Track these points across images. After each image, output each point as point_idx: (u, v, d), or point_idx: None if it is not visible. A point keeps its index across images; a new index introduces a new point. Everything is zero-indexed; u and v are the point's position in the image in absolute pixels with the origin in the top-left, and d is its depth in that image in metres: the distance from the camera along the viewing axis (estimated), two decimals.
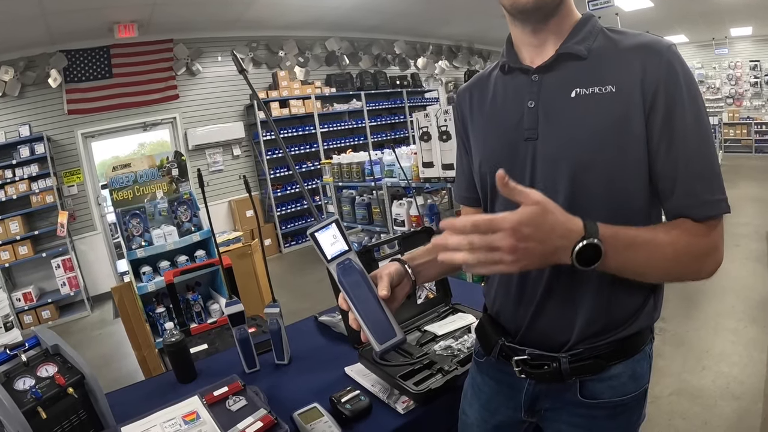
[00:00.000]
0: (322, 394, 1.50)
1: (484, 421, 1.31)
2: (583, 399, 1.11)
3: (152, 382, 2.01)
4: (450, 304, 2.03)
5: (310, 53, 9.51)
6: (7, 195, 6.70)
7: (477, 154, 1.21)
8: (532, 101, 1.06)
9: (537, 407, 1.20)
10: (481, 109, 1.20)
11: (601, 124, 0.98)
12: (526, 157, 1.07)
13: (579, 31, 1.03)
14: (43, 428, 1.30)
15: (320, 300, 4.58)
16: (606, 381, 1.10)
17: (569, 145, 1.01)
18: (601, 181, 1.00)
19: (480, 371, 1.33)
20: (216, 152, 8.57)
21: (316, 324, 2.19)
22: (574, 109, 1.01)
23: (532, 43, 1.07)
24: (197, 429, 1.27)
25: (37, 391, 1.32)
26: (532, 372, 1.13)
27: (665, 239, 0.95)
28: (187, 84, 8.28)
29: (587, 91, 0.99)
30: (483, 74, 1.24)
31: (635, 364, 1.11)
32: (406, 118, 10.53)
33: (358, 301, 0.97)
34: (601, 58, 1.01)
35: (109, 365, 5.09)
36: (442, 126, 4.22)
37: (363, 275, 0.99)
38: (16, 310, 6.64)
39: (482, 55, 12.80)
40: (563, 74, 1.03)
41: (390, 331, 0.95)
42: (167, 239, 3.36)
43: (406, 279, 1.12)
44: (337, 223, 1.00)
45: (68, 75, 7.26)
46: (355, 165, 5.86)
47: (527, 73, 1.08)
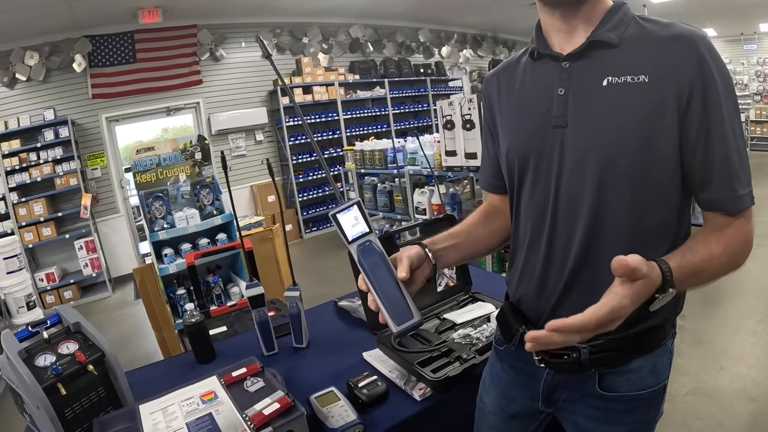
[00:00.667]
0: (339, 378, 1.50)
1: (501, 410, 1.31)
2: (601, 391, 1.10)
3: (171, 362, 2.04)
4: (470, 293, 2.02)
5: (334, 40, 9.49)
6: (31, 177, 6.82)
7: (505, 140, 1.20)
8: (562, 89, 1.04)
9: (555, 398, 1.19)
10: (509, 95, 1.19)
11: (632, 113, 0.96)
12: (554, 145, 1.06)
13: (610, 18, 1.01)
14: (63, 404, 1.32)
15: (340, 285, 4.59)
16: (625, 374, 1.09)
17: (599, 134, 0.99)
18: (629, 171, 0.98)
19: (499, 359, 1.33)
20: (239, 137, 8.61)
21: (335, 309, 2.19)
22: (605, 97, 0.99)
23: (562, 30, 1.05)
24: (215, 409, 1.28)
25: (57, 368, 1.33)
26: (552, 362, 1.12)
27: (718, 250, 0.95)
28: (210, 69, 8.31)
29: (619, 80, 0.98)
30: (511, 60, 1.22)
31: (656, 359, 1.10)
32: (430, 106, 10.49)
33: (377, 282, 0.96)
34: (633, 46, 0.98)
35: (129, 345, 5.18)
36: (466, 115, 4.19)
37: (383, 257, 0.99)
38: (38, 290, 6.77)
39: (507, 44, 12.64)
40: (594, 62, 1.01)
41: (408, 313, 0.95)
42: (189, 222, 3.39)
43: (426, 263, 1.11)
44: (358, 205, 0.99)
45: (93, 60, 7.34)
46: (378, 152, 5.85)
47: (557, 60, 1.06)
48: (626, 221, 1.00)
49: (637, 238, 1.00)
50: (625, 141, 0.97)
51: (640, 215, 1.00)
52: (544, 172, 1.09)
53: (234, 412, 1.24)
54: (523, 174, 1.14)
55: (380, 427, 1.33)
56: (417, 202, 5.12)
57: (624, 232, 1.01)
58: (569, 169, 1.04)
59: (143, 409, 1.34)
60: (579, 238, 1.04)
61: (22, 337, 1.42)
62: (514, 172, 1.17)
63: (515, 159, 1.15)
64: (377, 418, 1.36)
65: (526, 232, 1.17)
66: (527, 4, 8.50)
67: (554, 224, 1.09)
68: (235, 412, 1.24)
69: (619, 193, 0.99)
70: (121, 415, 1.35)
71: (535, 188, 1.12)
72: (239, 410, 1.24)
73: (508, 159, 1.18)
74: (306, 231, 9.07)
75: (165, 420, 1.27)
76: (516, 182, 1.18)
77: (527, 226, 1.16)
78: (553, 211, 1.08)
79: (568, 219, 1.06)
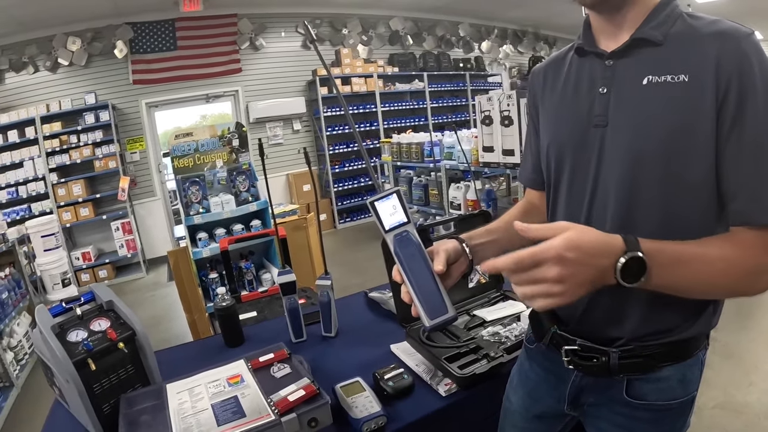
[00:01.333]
0: (365, 369, 1.50)
1: (527, 409, 1.29)
2: (628, 398, 1.08)
3: (200, 344, 2.06)
4: (501, 291, 2.00)
5: (373, 32, 9.48)
6: (71, 159, 7.00)
7: (545, 136, 1.18)
8: (604, 87, 1.02)
9: (581, 401, 1.17)
10: (553, 90, 1.16)
11: (670, 114, 0.93)
12: (594, 145, 1.03)
13: (656, 15, 0.97)
14: (92, 379, 1.34)
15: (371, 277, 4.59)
16: (654, 382, 1.06)
17: (636, 135, 0.96)
18: (665, 174, 0.94)
19: (529, 358, 1.31)
20: (276, 126, 8.68)
21: (365, 300, 2.19)
22: (643, 97, 0.96)
23: (608, 28, 1.03)
24: (240, 392, 1.29)
25: (88, 344, 1.36)
26: (581, 363, 1.10)
27: (716, 254, 0.89)
28: (250, 58, 8.39)
29: (659, 79, 0.94)
30: (559, 55, 1.20)
31: (686, 369, 1.07)
32: (468, 101, 10.43)
33: (412, 274, 0.95)
34: (676, 44, 0.94)
35: (159, 326, 5.28)
36: (505, 111, 4.15)
37: (420, 248, 0.97)
38: (74, 268, 6.97)
39: (548, 41, 12.45)
40: (637, 60, 0.98)
41: (442, 307, 0.93)
42: (224, 207, 3.43)
43: (463, 258, 1.09)
44: (398, 194, 0.98)
45: (134, 46, 7.49)
46: (415, 145, 5.84)
47: (601, 58, 1.03)
48: (658, 226, 0.97)
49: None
50: (661, 143, 0.93)
51: (673, 220, 0.96)
52: (582, 172, 1.07)
53: (259, 396, 1.25)
54: (560, 172, 1.13)
55: (404, 420, 1.32)
56: (452, 197, 5.09)
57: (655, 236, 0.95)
58: (606, 170, 1.02)
59: (170, 388, 1.37)
60: None
61: (56, 313, 1.45)
62: (552, 169, 1.15)
63: (554, 156, 1.13)
64: (401, 411, 1.36)
65: None
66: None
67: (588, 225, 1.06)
68: (260, 396, 1.25)
69: (652, 197, 0.96)
70: (148, 392, 1.38)
71: (572, 187, 1.10)
72: (264, 395, 1.25)
73: (547, 155, 1.16)
74: (340, 221, 9.12)
75: (191, 400, 1.29)
76: (553, 179, 1.16)
77: None
78: (588, 212, 1.06)
79: (600, 221, 1.03)
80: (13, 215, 6.75)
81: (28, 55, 6.96)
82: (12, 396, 4.00)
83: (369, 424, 1.25)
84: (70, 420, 1.46)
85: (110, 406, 1.37)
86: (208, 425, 1.17)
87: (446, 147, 5.34)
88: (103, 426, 1.34)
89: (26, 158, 6.84)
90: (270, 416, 1.16)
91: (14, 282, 4.79)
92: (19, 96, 7.04)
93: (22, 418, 3.74)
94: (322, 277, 1.82)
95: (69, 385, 1.30)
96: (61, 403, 1.53)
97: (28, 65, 7.00)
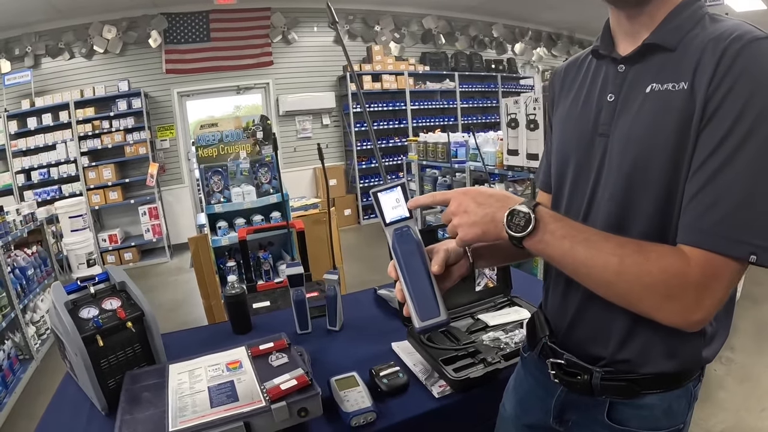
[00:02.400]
0: (364, 364, 1.51)
1: (518, 418, 1.27)
2: (609, 422, 1.02)
3: (209, 329, 2.11)
4: (508, 296, 1.98)
5: (406, 30, 9.48)
6: (102, 144, 7.20)
7: (555, 140, 1.14)
8: (612, 94, 0.97)
9: (565, 417, 1.13)
10: (568, 93, 1.12)
11: (665, 126, 0.85)
12: (596, 155, 0.99)
13: (673, 18, 0.90)
14: (99, 355, 1.41)
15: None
16: (637, 409, 1.00)
17: (632, 148, 0.91)
18: (656, 189, 0.88)
19: (524, 366, 1.29)
20: (306, 120, 8.75)
21: (374, 296, 2.21)
22: (644, 107, 0.90)
23: (627, 31, 0.97)
24: (237, 377, 1.33)
25: (98, 321, 1.43)
26: (565, 379, 1.07)
27: (615, 249, 0.83)
28: (281, 51, 8.48)
29: (661, 87, 0.88)
30: (579, 57, 1.15)
31: (673, 400, 1.00)
32: (499, 103, 10.30)
33: (408, 271, 0.93)
34: (689, 50, 0.86)
35: (179, 309, 5.40)
36: (531, 114, 4.10)
37: (419, 246, 0.95)
38: (100, 249, 7.15)
39: (583, 45, 12.21)
40: (647, 67, 0.92)
41: (434, 309, 0.91)
42: (245, 198, 3.47)
43: (464, 260, 1.06)
44: (402, 187, 0.96)
45: (168, 36, 7.64)
46: (441, 145, 5.83)
47: (615, 63, 0.98)
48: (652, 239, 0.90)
49: None
50: (655, 156, 0.87)
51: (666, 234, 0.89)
52: (582, 181, 1.02)
53: (254, 382, 1.29)
54: (563, 179, 1.09)
55: (394, 418, 1.33)
56: None
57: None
58: (603, 181, 0.97)
59: (172, 368, 1.42)
60: None
61: (71, 290, 1.53)
62: (556, 175, 1.12)
63: (559, 162, 1.10)
64: (392, 409, 1.37)
65: None
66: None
67: None
68: (255, 382, 1.29)
69: (646, 209, 0.90)
70: (152, 371, 1.43)
71: (573, 196, 1.06)
72: (259, 382, 1.28)
73: (555, 161, 1.13)
74: (364, 217, 9.17)
75: (190, 381, 1.34)
76: (557, 186, 1.12)
77: None
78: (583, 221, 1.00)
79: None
80: (44, 195, 6.94)
81: (64, 42, 7.14)
82: (31, 368, 4.14)
83: (358, 419, 1.27)
84: (78, 392, 1.53)
85: (115, 381, 1.43)
86: (203, 406, 1.21)
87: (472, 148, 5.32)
88: (107, 400, 1.40)
89: (59, 141, 7.04)
90: (261, 402, 1.19)
91: (41, 260, 4.94)
92: (55, 81, 7.24)
93: (39, 390, 3.88)
94: (330, 272, 1.85)
95: (78, 358, 1.36)
96: (71, 376, 1.60)
97: (64, 51, 7.19)
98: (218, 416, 1.16)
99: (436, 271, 0.95)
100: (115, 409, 1.27)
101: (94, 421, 1.40)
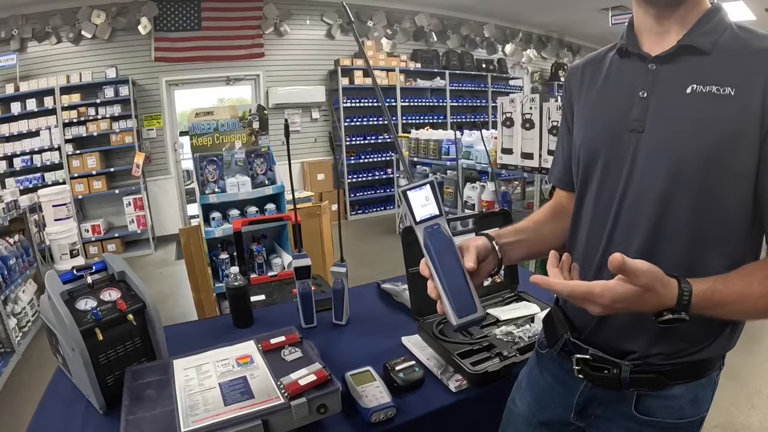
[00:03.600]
0: (375, 359, 1.47)
1: (532, 414, 1.27)
2: (637, 414, 1.05)
3: (209, 322, 2.05)
4: (516, 292, 1.97)
5: (398, 26, 9.43)
6: (88, 131, 7.01)
7: (578, 135, 1.14)
8: (645, 91, 0.99)
9: (588, 412, 1.15)
10: (590, 89, 1.13)
11: (712, 127, 0.90)
12: (627, 150, 1.00)
13: (706, 23, 0.94)
14: (98, 349, 1.32)
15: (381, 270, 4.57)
16: (664, 399, 1.03)
17: (674, 145, 0.93)
18: (700, 187, 0.92)
19: (539, 363, 1.28)
20: (295, 113, 8.66)
21: (377, 291, 2.17)
22: (686, 106, 0.93)
23: (654, 30, 1.00)
24: (249, 372, 1.26)
25: (97, 313, 1.33)
26: (591, 374, 1.08)
27: (759, 290, 0.87)
28: (273, 43, 8.37)
29: (704, 89, 0.91)
30: (598, 54, 1.17)
31: (698, 389, 1.04)
32: (488, 102, 10.40)
33: (442, 269, 0.93)
34: (725, 55, 0.92)
35: (166, 303, 5.27)
36: (527, 114, 4.14)
37: (451, 243, 0.95)
38: (83, 240, 6.98)
39: (572, 48, 12.34)
40: (682, 67, 0.95)
41: (471, 305, 0.91)
42: (240, 189, 3.40)
43: (492, 256, 1.08)
44: (431, 185, 0.95)
45: (158, 23, 7.48)
46: (433, 142, 5.82)
47: (644, 61, 1.00)
48: (687, 238, 0.95)
49: (695, 256, 0.94)
50: (700, 155, 0.91)
51: (702, 234, 0.94)
52: (612, 176, 1.04)
53: (269, 378, 1.23)
54: (590, 173, 1.10)
55: (413, 413, 1.30)
56: (467, 196, 5.07)
57: (682, 248, 0.95)
58: (638, 177, 0.99)
59: (177, 364, 1.34)
60: (635, 250, 0.98)
61: (66, 280, 1.42)
62: (581, 170, 1.12)
63: (585, 157, 1.10)
64: (411, 404, 1.33)
65: (584, 236, 1.12)
66: (599, 8, 8.35)
67: (613, 232, 1.04)
68: (270, 378, 1.23)
69: (685, 208, 0.94)
70: (155, 367, 1.35)
71: (601, 191, 1.07)
72: (274, 377, 1.22)
73: (579, 155, 1.13)
74: (352, 213, 9.12)
75: (198, 377, 1.27)
76: (582, 181, 1.13)
77: (586, 229, 1.12)
78: (615, 219, 1.03)
79: (628, 229, 1.01)
80: (26, 183, 6.77)
81: (51, 26, 6.95)
82: (12, 362, 4.02)
83: (378, 414, 1.23)
84: (72, 390, 1.44)
85: (114, 378, 1.35)
86: (215, 404, 1.14)
87: (464, 146, 5.30)
88: (105, 398, 1.32)
89: (43, 128, 6.85)
90: (279, 399, 1.13)
91: (23, 249, 4.81)
92: (41, 65, 7.05)
93: (21, 384, 3.76)
94: (337, 264, 1.80)
95: (74, 353, 1.28)
96: (63, 372, 1.51)
97: (51, 35, 7.00)
98: (234, 414, 1.10)
99: (470, 268, 0.95)
100: (114, 407, 1.21)
101: (91, 421, 1.31)
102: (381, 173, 9.29)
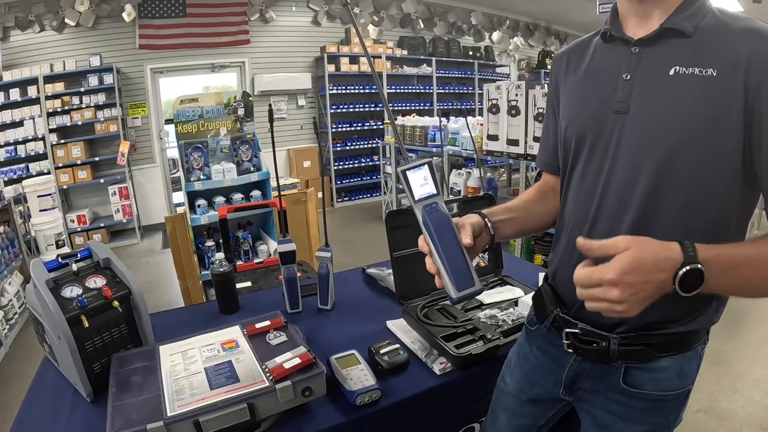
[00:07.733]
0: (360, 343, 1.49)
1: (522, 391, 1.30)
2: (625, 386, 1.08)
3: (195, 309, 2.05)
4: (500, 276, 1.99)
5: (385, 13, 9.37)
6: (72, 120, 6.91)
7: (564, 118, 1.17)
8: (628, 74, 1.01)
9: (577, 386, 1.17)
10: (575, 73, 1.16)
11: (695, 108, 0.92)
12: (613, 131, 1.03)
13: (688, 6, 0.97)
14: (84, 337, 1.32)
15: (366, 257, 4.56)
16: (651, 372, 1.06)
17: (659, 125, 0.96)
18: (687, 166, 0.94)
19: (528, 340, 1.31)
20: (281, 100, 8.60)
21: (362, 276, 2.18)
22: (670, 88, 0.95)
23: (637, 14, 1.02)
24: (234, 357, 1.28)
25: (83, 300, 1.33)
26: (580, 347, 1.10)
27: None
28: (259, 30, 8.29)
29: (687, 71, 0.93)
30: (583, 40, 1.19)
31: (684, 362, 1.07)
32: (475, 90, 10.39)
33: (441, 245, 0.96)
34: (706, 38, 0.94)
35: (152, 292, 5.25)
36: (513, 101, 4.15)
37: (449, 221, 0.98)
38: (68, 230, 6.86)
39: (559, 36, 12.32)
40: (664, 50, 0.98)
41: (470, 279, 0.95)
42: (225, 176, 3.39)
43: (485, 233, 1.12)
44: (429, 165, 0.98)
45: (142, 10, 7.37)
46: (419, 129, 5.82)
47: (628, 44, 1.03)
48: (677, 216, 0.97)
49: (686, 234, 0.94)
50: (685, 135, 0.93)
51: (692, 212, 0.96)
52: (598, 157, 1.06)
53: (254, 362, 1.24)
54: (577, 155, 1.12)
55: (397, 395, 1.32)
56: (453, 182, 5.08)
57: (673, 226, 0.97)
58: (624, 156, 1.01)
59: (163, 350, 1.35)
60: (624, 229, 1.01)
61: (51, 268, 1.42)
62: (569, 152, 1.15)
63: (572, 139, 1.13)
64: (395, 387, 1.35)
65: (571, 215, 1.15)
66: None
67: (599, 211, 1.06)
68: (255, 362, 1.24)
69: (674, 187, 0.96)
70: (141, 353, 1.36)
71: (587, 172, 1.09)
72: (259, 361, 1.23)
73: (565, 137, 1.16)
74: (338, 200, 9.11)
75: (184, 362, 1.27)
76: (570, 163, 1.15)
77: (573, 209, 1.14)
78: (601, 198, 1.06)
79: (616, 208, 1.03)
80: (10, 174, 6.68)
81: (34, 14, 6.84)
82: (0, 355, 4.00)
83: (363, 397, 1.25)
84: (59, 378, 1.44)
85: (101, 365, 1.35)
86: (201, 388, 1.15)
87: (450, 133, 5.31)
88: (92, 385, 1.32)
89: (27, 117, 6.75)
90: (264, 382, 1.14)
91: (8, 241, 4.77)
92: (23, 54, 6.93)
93: (9, 376, 3.73)
94: (322, 249, 1.80)
95: (60, 341, 1.28)
96: (50, 361, 1.51)
97: (34, 24, 6.88)
98: (219, 398, 1.11)
99: (468, 244, 0.99)
100: (101, 395, 1.21)
101: (78, 409, 1.32)
102: (367, 160, 9.28)
